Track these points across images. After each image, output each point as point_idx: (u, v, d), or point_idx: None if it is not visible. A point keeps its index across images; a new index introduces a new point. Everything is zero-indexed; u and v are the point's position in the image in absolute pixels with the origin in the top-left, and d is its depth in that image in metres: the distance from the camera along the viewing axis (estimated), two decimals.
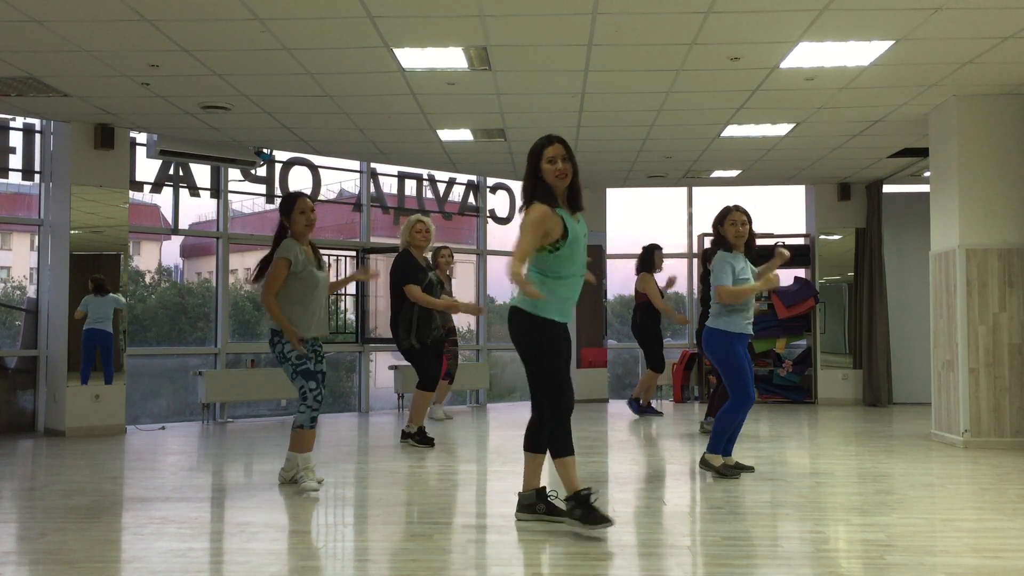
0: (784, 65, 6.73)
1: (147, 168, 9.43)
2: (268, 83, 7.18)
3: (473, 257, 12.03)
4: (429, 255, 8.16)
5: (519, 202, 4.57)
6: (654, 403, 10.26)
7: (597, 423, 9.42)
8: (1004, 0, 5.50)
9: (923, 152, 9.28)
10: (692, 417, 9.94)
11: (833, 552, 4.14)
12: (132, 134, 9.04)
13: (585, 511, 4.30)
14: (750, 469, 6.05)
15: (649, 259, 9.62)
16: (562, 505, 4.46)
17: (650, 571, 3.79)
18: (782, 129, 8.78)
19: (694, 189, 12.40)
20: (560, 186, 4.41)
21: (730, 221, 5.84)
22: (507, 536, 4.34)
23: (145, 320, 12.47)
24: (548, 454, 4.48)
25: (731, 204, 5.94)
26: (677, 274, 10.61)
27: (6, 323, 11.23)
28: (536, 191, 4.40)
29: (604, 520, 4.28)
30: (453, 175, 11.63)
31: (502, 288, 14.00)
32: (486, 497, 5.64)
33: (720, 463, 5.87)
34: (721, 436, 5.85)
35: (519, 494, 4.66)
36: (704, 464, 5.89)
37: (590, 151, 9.57)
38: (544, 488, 4.62)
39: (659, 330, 9.79)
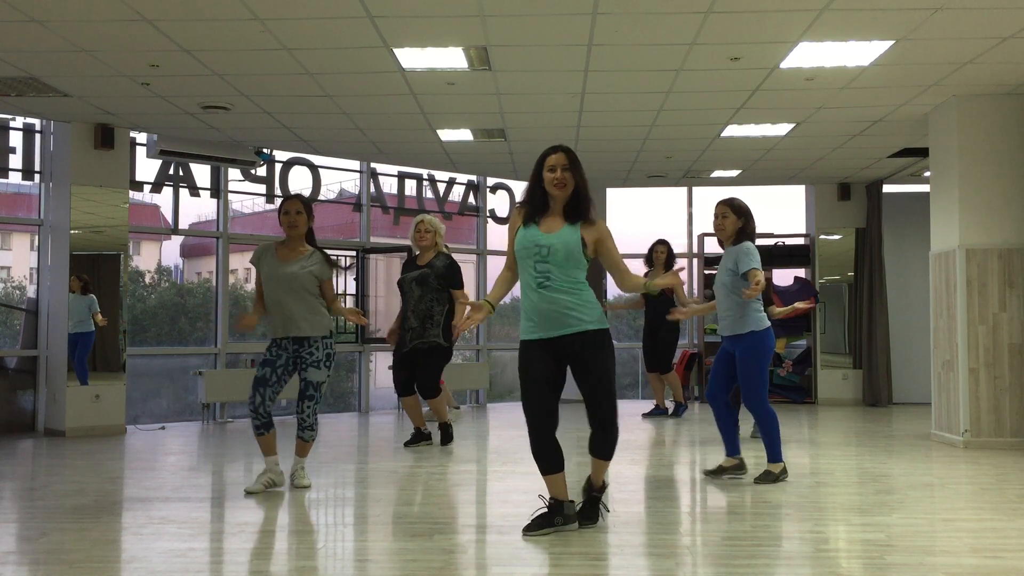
0: (784, 65, 6.72)
1: (147, 168, 9.45)
2: (268, 83, 7.18)
3: (473, 257, 12.03)
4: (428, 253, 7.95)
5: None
6: (668, 403, 10.18)
7: None
8: (1004, 0, 5.50)
9: (923, 152, 9.27)
10: (692, 417, 9.94)
11: (833, 552, 4.14)
12: (132, 134, 9.04)
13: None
14: (727, 471, 5.90)
15: (647, 256, 9.71)
16: (604, 508, 4.62)
17: (650, 571, 3.79)
18: (782, 129, 8.78)
19: (694, 189, 12.41)
20: (558, 195, 4.38)
21: (713, 215, 5.85)
22: (507, 536, 4.34)
23: (145, 320, 12.47)
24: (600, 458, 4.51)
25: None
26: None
27: (6, 323, 11.23)
28: (531, 198, 4.44)
29: (529, 527, 4.35)
30: (453, 175, 11.63)
31: None
32: (486, 497, 5.65)
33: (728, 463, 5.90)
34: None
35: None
36: None
37: (590, 151, 9.57)
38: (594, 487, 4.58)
39: (647, 328, 9.83)
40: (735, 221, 5.73)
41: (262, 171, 10.20)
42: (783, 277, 12.10)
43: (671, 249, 9.70)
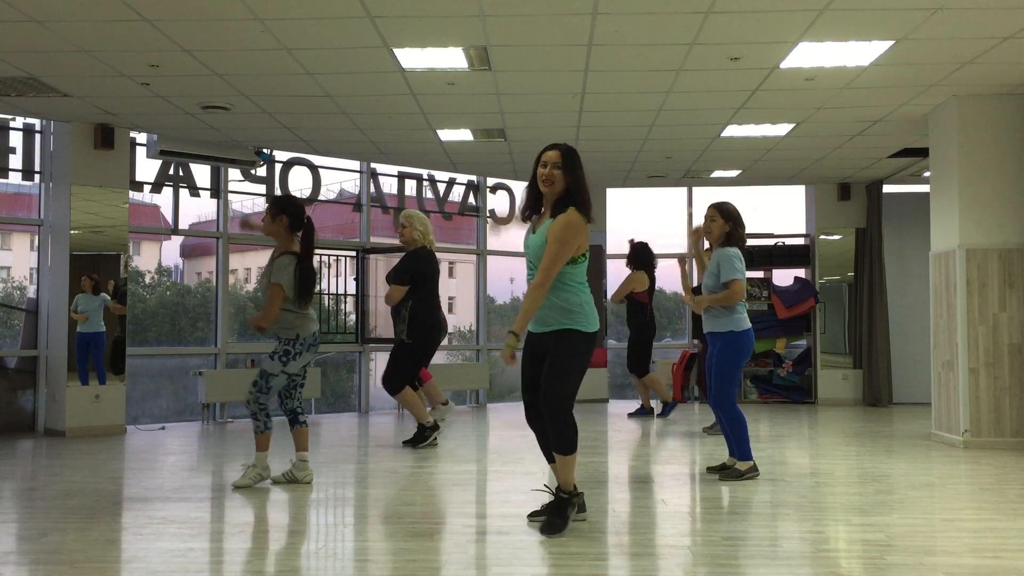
0: (784, 65, 6.73)
1: (147, 168, 9.44)
2: (268, 83, 7.17)
3: (473, 257, 12.02)
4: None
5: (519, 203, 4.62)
6: (654, 403, 10.19)
7: (597, 423, 9.42)
8: (1004, 0, 5.50)
9: (923, 152, 9.28)
10: (692, 417, 9.94)
11: (833, 552, 4.14)
12: (132, 134, 9.04)
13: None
14: (717, 470, 5.96)
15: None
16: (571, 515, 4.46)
17: (650, 571, 3.79)
18: (782, 129, 8.78)
19: (694, 189, 12.40)
20: (547, 192, 4.35)
21: (703, 218, 5.98)
22: (507, 536, 4.34)
23: (145, 320, 12.47)
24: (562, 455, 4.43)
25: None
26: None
27: (6, 323, 11.23)
28: (528, 195, 4.45)
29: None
30: (453, 175, 11.63)
31: (502, 288, 14.01)
32: (486, 497, 5.64)
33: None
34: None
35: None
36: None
37: (590, 151, 9.57)
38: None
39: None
40: (723, 225, 5.88)
41: (262, 171, 10.20)
42: (783, 277, 12.11)
43: (643, 250, 9.64)
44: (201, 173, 9.86)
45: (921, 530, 4.46)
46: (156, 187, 9.58)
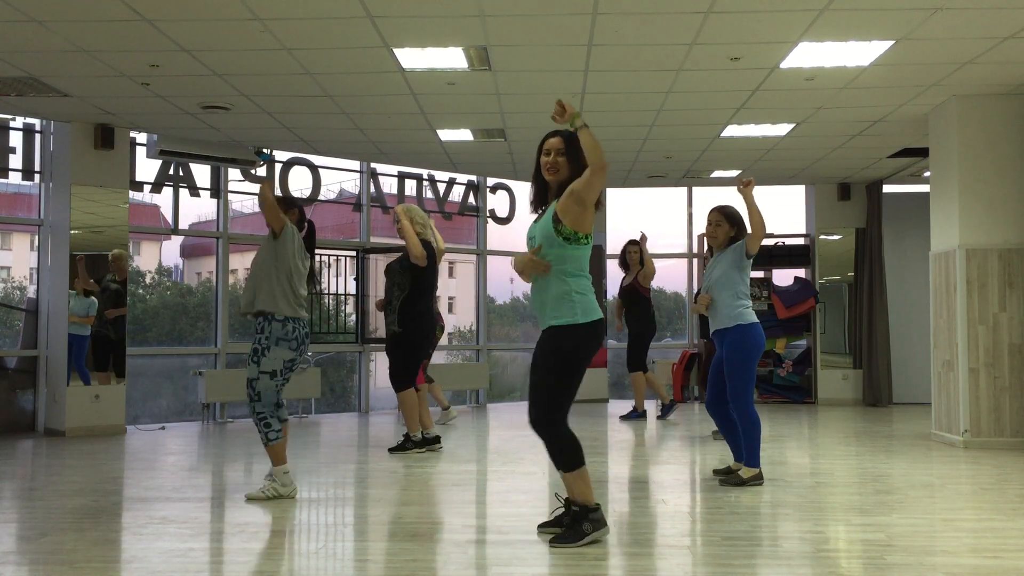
0: (784, 65, 6.73)
1: (147, 168, 9.45)
2: (268, 83, 7.18)
3: (473, 257, 12.02)
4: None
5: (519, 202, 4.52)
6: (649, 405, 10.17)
7: (597, 423, 9.42)
8: (1004, 0, 5.50)
9: (923, 152, 9.28)
10: (692, 417, 9.94)
11: (833, 552, 4.14)
12: (132, 134, 9.04)
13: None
14: (735, 473, 5.84)
15: (621, 258, 9.66)
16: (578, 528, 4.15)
17: (650, 571, 3.79)
18: (782, 129, 8.78)
19: (694, 189, 12.41)
20: (551, 180, 4.15)
21: (706, 222, 5.89)
22: (507, 536, 4.34)
23: (145, 320, 12.46)
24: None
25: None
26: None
27: (6, 323, 11.22)
28: (533, 184, 4.26)
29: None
30: (453, 175, 11.63)
31: (502, 288, 14.00)
32: (486, 497, 5.65)
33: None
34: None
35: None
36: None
37: None
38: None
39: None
40: (728, 229, 5.79)
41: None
42: (783, 277, 12.11)
43: (643, 247, 9.61)
44: (201, 173, 9.87)
45: (921, 530, 4.46)
46: (156, 187, 9.59)
